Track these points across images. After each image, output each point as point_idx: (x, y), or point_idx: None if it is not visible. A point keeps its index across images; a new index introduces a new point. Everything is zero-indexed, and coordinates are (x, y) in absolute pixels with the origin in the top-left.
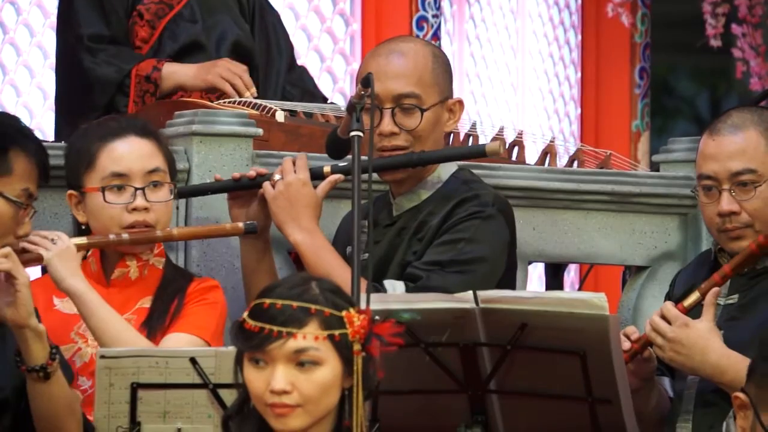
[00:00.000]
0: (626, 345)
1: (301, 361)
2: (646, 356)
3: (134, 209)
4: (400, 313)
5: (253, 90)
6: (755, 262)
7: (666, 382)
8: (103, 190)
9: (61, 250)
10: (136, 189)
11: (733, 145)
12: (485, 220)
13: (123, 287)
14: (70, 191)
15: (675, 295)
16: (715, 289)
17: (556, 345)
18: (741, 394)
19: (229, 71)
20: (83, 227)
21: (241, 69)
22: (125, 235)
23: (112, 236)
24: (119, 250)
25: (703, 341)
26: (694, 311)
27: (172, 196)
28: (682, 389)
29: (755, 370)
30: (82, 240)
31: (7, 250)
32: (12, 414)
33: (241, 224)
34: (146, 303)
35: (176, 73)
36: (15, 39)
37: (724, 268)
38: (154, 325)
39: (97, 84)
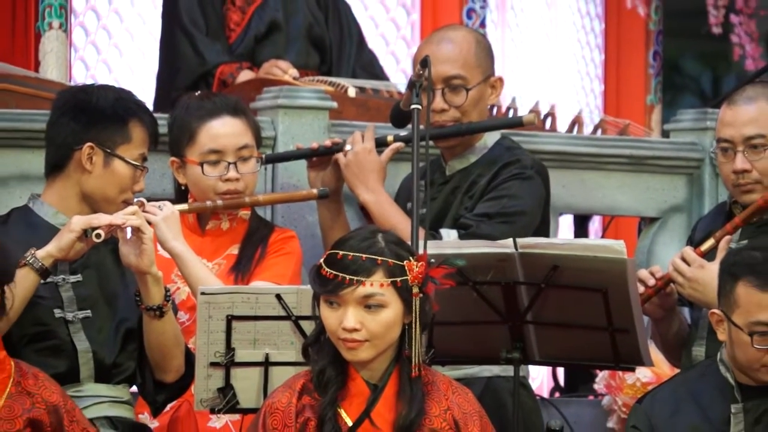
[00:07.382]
0: (651, 281)
1: (368, 304)
2: (669, 291)
3: (227, 180)
4: (452, 260)
5: (292, 71)
6: (762, 214)
7: (685, 311)
8: (201, 164)
9: (167, 215)
10: (229, 163)
11: (747, 114)
12: (525, 180)
13: (215, 236)
14: (173, 158)
15: (695, 239)
16: (728, 236)
17: (582, 283)
18: (716, 311)
19: (269, 66)
20: (183, 188)
21: (275, 62)
22: (219, 201)
23: (208, 202)
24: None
25: (716, 281)
26: (710, 255)
27: (258, 166)
28: (698, 318)
29: (720, 285)
30: (184, 206)
31: (134, 208)
32: (138, 342)
33: (315, 190)
34: (234, 250)
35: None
36: (129, 28)
37: (735, 220)
38: (242, 269)
39: (183, 68)
